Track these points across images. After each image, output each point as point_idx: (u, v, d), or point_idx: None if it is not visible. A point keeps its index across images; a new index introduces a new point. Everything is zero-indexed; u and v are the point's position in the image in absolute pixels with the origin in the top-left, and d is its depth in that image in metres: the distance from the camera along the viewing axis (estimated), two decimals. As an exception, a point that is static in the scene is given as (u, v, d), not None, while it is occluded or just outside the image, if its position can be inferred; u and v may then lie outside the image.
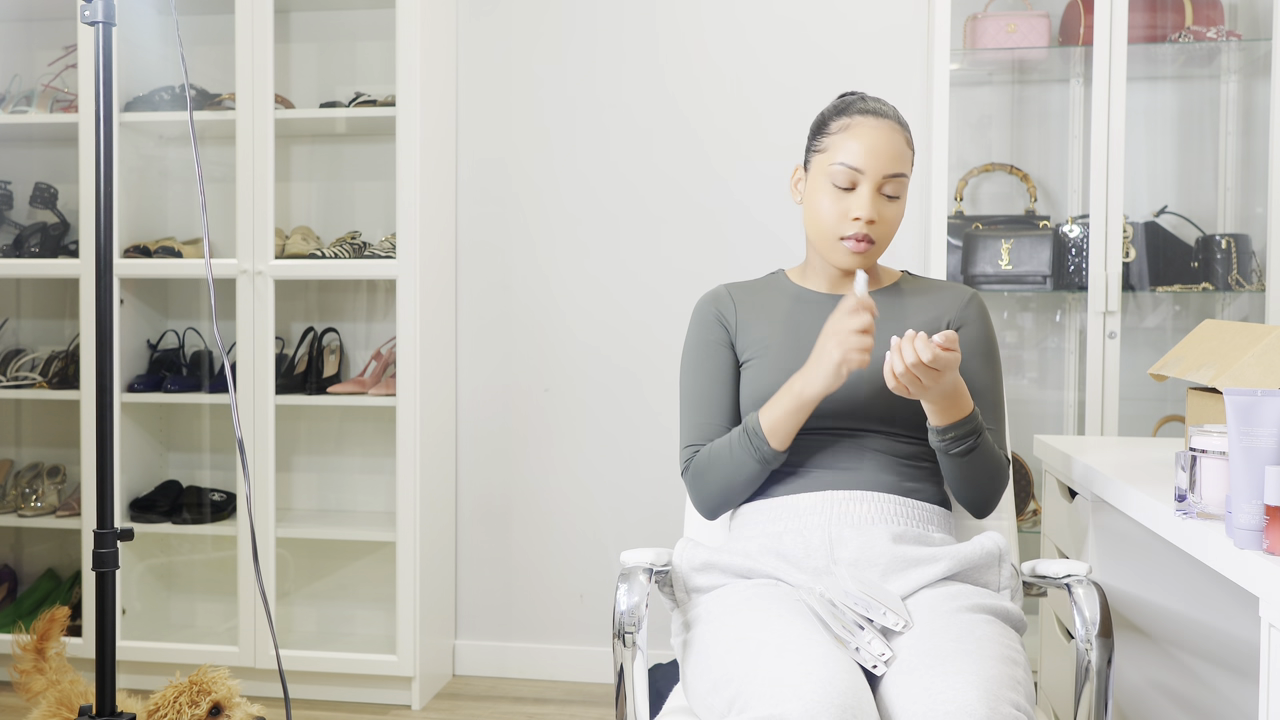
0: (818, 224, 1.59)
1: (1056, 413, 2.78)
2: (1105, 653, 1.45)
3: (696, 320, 1.69)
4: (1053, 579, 1.57)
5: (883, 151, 1.54)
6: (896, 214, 1.58)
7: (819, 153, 1.60)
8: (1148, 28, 2.59)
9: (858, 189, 1.55)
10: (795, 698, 1.20)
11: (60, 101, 2.98)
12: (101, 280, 1.63)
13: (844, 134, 1.56)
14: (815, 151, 1.61)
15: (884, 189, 1.56)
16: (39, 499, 2.99)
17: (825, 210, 1.57)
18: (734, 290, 1.70)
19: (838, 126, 1.58)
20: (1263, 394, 1.20)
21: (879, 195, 1.55)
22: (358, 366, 3.03)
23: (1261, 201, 2.63)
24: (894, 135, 1.56)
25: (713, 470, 1.57)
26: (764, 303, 1.68)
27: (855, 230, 1.55)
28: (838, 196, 1.56)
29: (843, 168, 1.54)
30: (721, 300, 1.69)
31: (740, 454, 1.54)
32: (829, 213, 1.57)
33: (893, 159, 1.55)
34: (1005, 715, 1.20)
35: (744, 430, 1.54)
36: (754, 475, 1.55)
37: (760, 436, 1.51)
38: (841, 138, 1.56)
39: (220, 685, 1.78)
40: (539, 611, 3.01)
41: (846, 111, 1.59)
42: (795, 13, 2.86)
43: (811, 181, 1.61)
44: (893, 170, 1.55)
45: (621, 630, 1.42)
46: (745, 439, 1.53)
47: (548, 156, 2.97)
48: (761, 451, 1.52)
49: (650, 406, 2.93)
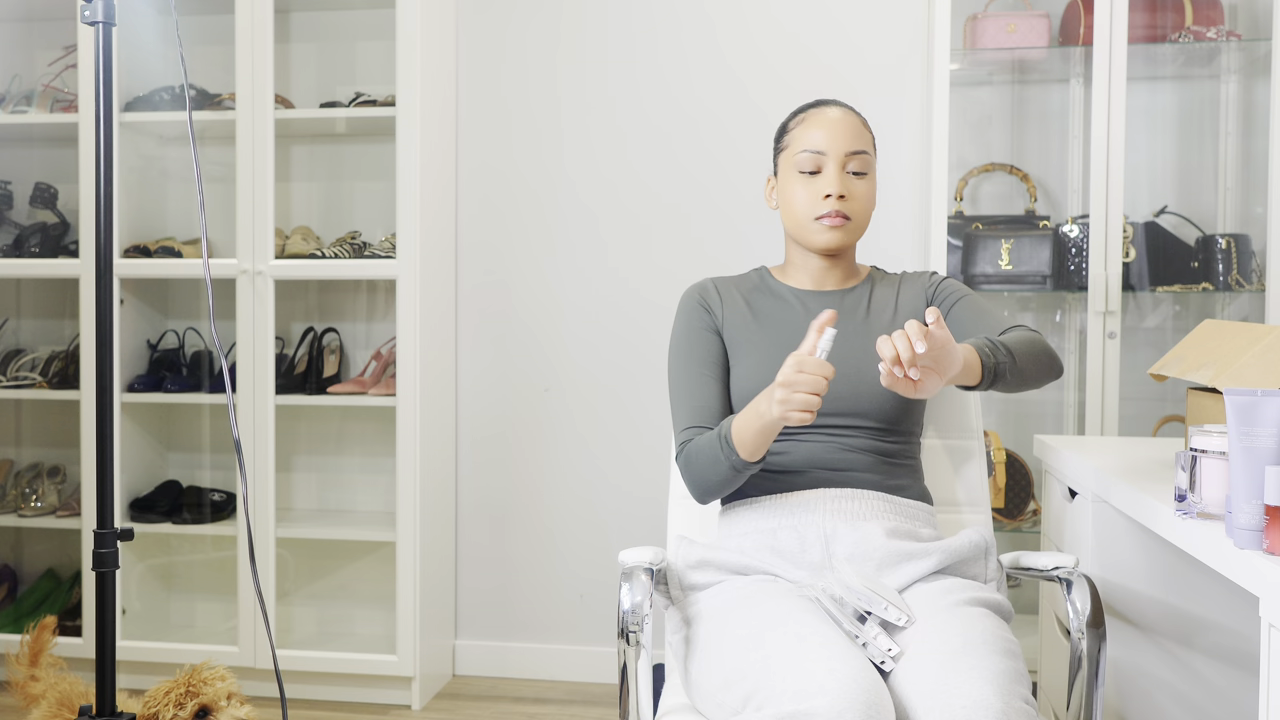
0: (793, 214, 1.65)
1: (1056, 413, 2.78)
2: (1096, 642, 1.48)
3: (684, 309, 1.71)
4: (1039, 571, 1.62)
5: (840, 132, 1.62)
6: (867, 190, 1.64)
7: (783, 150, 1.68)
8: (1148, 28, 2.59)
9: (824, 170, 1.62)
10: (821, 693, 1.21)
11: (60, 101, 2.98)
12: (101, 280, 1.63)
13: (802, 126, 1.65)
14: (780, 151, 1.69)
15: (849, 166, 1.62)
16: (39, 499, 2.99)
17: (798, 198, 1.63)
18: (718, 283, 1.74)
19: (795, 123, 1.67)
20: (1263, 394, 1.20)
21: (845, 174, 1.62)
22: (358, 366, 3.04)
23: (1261, 201, 2.63)
24: (848, 117, 1.64)
25: (697, 464, 1.57)
26: (747, 297, 1.71)
27: (828, 208, 1.61)
28: (807, 182, 1.63)
29: (807, 154, 1.62)
30: (707, 291, 1.72)
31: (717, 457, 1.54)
32: (801, 199, 1.63)
33: (851, 137, 1.62)
34: (1017, 709, 1.24)
35: (719, 436, 1.54)
36: (729, 479, 1.55)
37: (730, 446, 1.51)
38: (801, 130, 1.65)
39: (212, 686, 1.77)
40: (539, 611, 3.01)
41: (805, 109, 1.69)
42: (796, 13, 2.86)
43: (782, 179, 1.68)
44: (854, 148, 1.62)
45: (625, 629, 1.44)
46: (719, 445, 1.53)
47: (548, 156, 2.97)
48: (732, 460, 1.51)
49: (650, 406, 2.93)
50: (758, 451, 1.50)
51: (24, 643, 2.02)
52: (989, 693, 1.23)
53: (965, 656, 1.29)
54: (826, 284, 1.70)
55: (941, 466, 1.81)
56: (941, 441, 1.83)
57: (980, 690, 1.23)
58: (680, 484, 1.82)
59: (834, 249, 1.64)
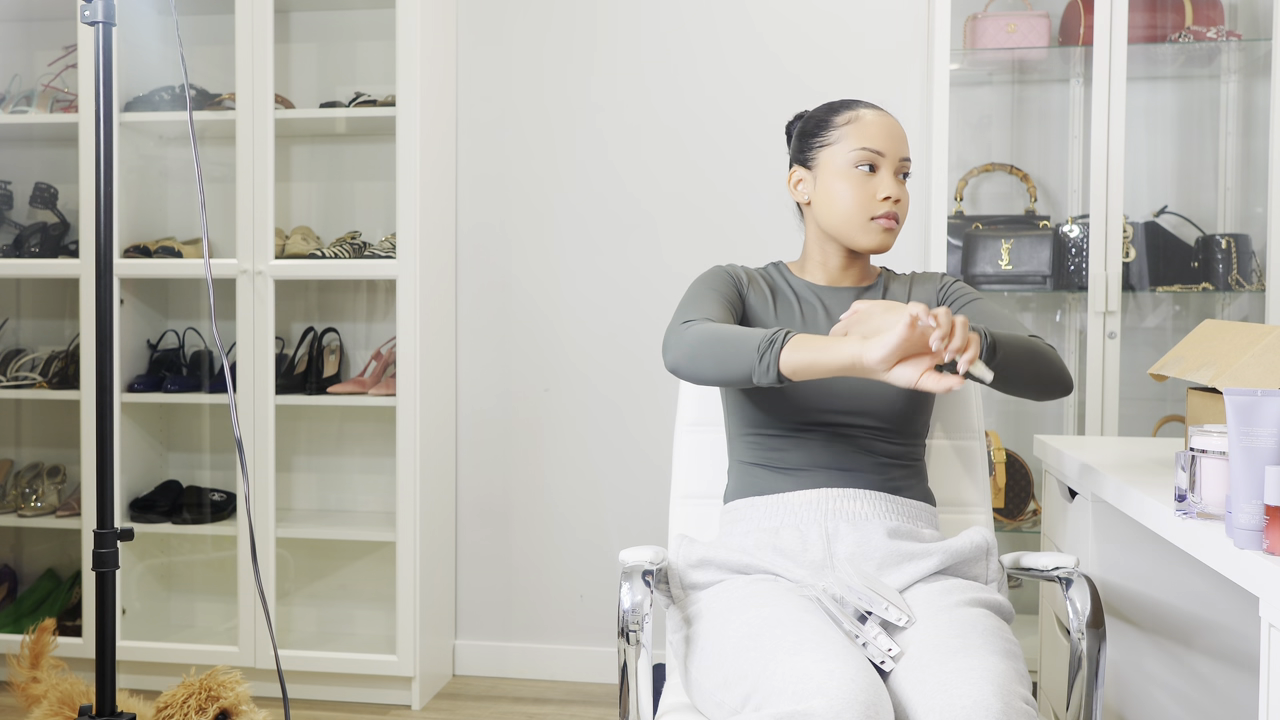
0: (841, 211, 1.62)
1: (1056, 413, 2.78)
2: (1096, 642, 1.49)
3: (711, 271, 1.68)
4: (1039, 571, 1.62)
5: (897, 136, 1.63)
6: (908, 198, 1.65)
7: (827, 146, 1.64)
8: (1148, 28, 2.59)
9: (880, 171, 1.61)
10: (820, 694, 1.21)
11: (60, 101, 2.98)
12: (101, 280, 1.63)
13: (855, 124, 1.63)
14: (822, 146, 1.65)
15: (900, 171, 1.63)
16: (39, 499, 2.99)
17: (849, 196, 1.61)
18: (744, 268, 1.73)
19: (844, 120, 1.64)
20: (1263, 394, 1.20)
21: (896, 178, 1.62)
22: (358, 366, 3.04)
23: (1261, 201, 2.63)
24: (898, 126, 1.65)
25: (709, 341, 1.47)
26: (768, 288, 1.70)
27: (886, 209, 1.61)
28: (861, 181, 1.61)
29: (866, 151, 1.61)
30: (735, 269, 1.71)
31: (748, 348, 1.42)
32: (854, 197, 1.61)
33: (903, 143, 1.64)
34: (1018, 709, 1.24)
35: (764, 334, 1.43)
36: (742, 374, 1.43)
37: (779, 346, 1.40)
38: (854, 127, 1.63)
39: (230, 690, 1.77)
40: (539, 611, 3.01)
41: (850, 107, 1.66)
42: (796, 14, 2.86)
43: (824, 174, 1.64)
44: (905, 154, 1.64)
45: (626, 628, 1.44)
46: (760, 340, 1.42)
47: (548, 156, 2.97)
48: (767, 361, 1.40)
49: (650, 406, 2.93)
50: (800, 373, 1.38)
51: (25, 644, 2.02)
52: (989, 693, 1.23)
53: (965, 657, 1.29)
54: (844, 281, 1.70)
55: (942, 467, 1.81)
56: (941, 442, 1.83)
57: (980, 691, 1.23)
58: (682, 483, 1.81)
59: (882, 249, 1.65)
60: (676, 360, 1.51)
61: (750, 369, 1.42)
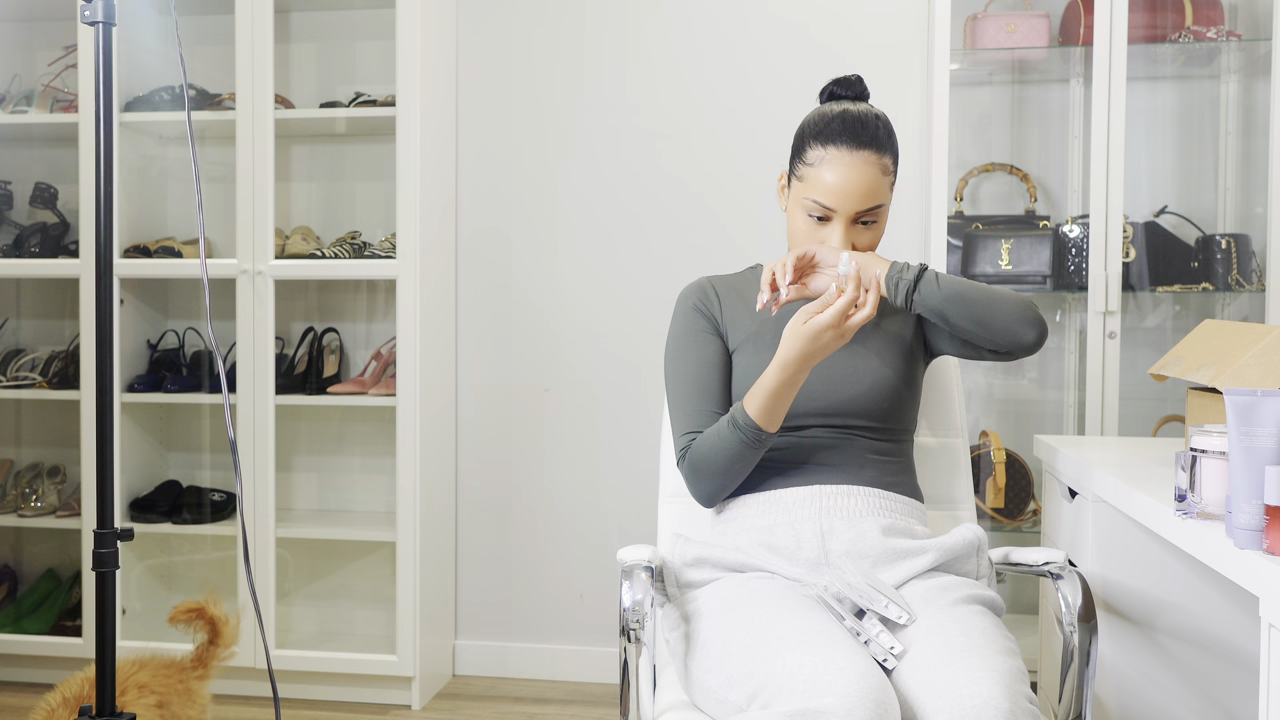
0: (794, 241, 1.63)
1: (1056, 413, 2.78)
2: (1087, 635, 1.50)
3: (681, 310, 1.70)
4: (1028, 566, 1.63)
5: (854, 191, 1.54)
6: (874, 237, 1.61)
7: (798, 180, 1.61)
8: (1148, 28, 2.59)
9: (832, 223, 1.57)
10: (831, 692, 1.21)
11: (60, 101, 2.98)
12: (101, 280, 1.63)
13: (820, 166, 1.56)
14: (795, 176, 1.62)
15: (859, 220, 1.58)
16: (39, 499, 2.99)
17: (801, 233, 1.61)
18: (715, 282, 1.73)
19: (815, 157, 1.57)
20: (1263, 394, 1.20)
21: (854, 226, 1.58)
22: (358, 366, 3.04)
23: (1261, 201, 2.63)
24: (868, 169, 1.55)
25: (707, 457, 1.57)
26: (746, 296, 1.71)
27: None
28: (813, 225, 1.59)
29: (818, 204, 1.57)
30: (705, 290, 1.71)
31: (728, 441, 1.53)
32: (805, 236, 1.60)
33: (865, 195, 1.55)
34: (1023, 709, 1.25)
35: (727, 420, 1.54)
36: (746, 458, 1.55)
37: (745, 420, 1.51)
38: (818, 171, 1.56)
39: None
40: (539, 611, 3.01)
41: (825, 136, 1.58)
42: (797, 13, 2.86)
43: (791, 200, 1.63)
44: (865, 206, 1.56)
45: (626, 626, 1.44)
46: (728, 428, 1.53)
47: (548, 156, 2.97)
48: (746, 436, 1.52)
49: (650, 406, 2.93)
50: (775, 409, 1.50)
51: None
52: (997, 692, 1.24)
53: (971, 656, 1.29)
54: None
55: (927, 464, 1.82)
56: (926, 440, 1.83)
57: (989, 690, 1.24)
58: (670, 482, 1.83)
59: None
60: (702, 495, 1.61)
61: (744, 450, 1.52)
